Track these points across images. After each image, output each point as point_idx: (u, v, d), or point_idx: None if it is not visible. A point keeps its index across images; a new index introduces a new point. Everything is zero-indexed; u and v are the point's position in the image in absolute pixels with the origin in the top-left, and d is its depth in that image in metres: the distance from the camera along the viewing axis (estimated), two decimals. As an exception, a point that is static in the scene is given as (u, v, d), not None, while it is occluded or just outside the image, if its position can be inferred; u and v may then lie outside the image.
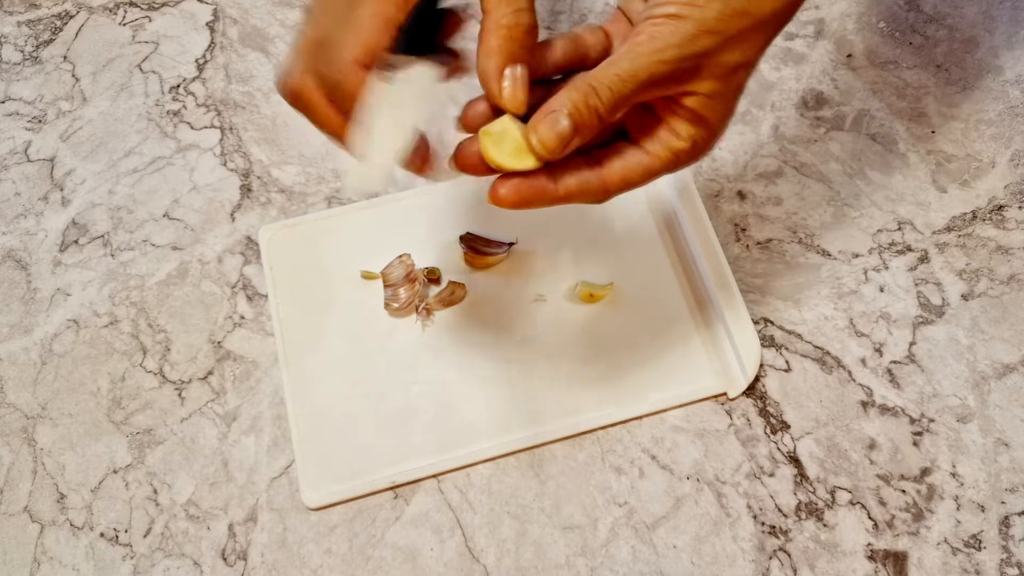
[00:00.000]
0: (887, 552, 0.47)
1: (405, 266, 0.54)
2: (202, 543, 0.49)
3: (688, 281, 0.54)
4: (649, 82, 0.33)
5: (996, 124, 0.59)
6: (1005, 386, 0.51)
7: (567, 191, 0.35)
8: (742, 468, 0.50)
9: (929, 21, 0.63)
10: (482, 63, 0.34)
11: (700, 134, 0.35)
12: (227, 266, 0.56)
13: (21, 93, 0.63)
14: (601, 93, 0.33)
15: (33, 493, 0.51)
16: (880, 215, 0.56)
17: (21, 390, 0.53)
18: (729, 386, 0.51)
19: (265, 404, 0.52)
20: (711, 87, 0.34)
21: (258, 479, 0.50)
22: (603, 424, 0.51)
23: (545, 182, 0.34)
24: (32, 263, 0.57)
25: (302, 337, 0.53)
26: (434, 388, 0.52)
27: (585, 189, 0.35)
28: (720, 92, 0.34)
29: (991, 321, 0.53)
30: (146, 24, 0.66)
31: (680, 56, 0.33)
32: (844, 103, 0.60)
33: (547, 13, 0.64)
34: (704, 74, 0.34)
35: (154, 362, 0.54)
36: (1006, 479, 0.49)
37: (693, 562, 0.48)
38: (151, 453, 0.51)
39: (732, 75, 0.34)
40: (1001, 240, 0.55)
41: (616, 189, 0.36)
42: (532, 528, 0.49)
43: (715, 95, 0.34)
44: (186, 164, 0.60)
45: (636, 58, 0.33)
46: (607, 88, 0.33)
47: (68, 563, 0.49)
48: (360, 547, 0.48)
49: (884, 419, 0.51)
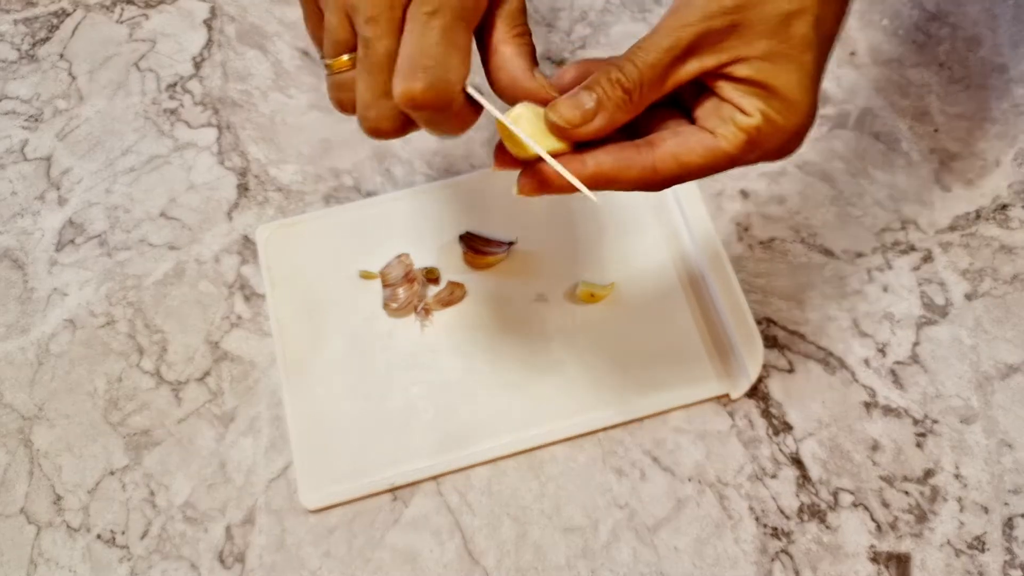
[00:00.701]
0: (890, 554, 0.47)
1: (404, 266, 0.53)
2: (199, 545, 0.48)
3: (690, 281, 0.54)
4: (676, 50, 0.30)
5: (1000, 122, 0.58)
6: (1009, 387, 0.51)
7: (598, 169, 0.31)
8: (744, 470, 0.49)
9: (932, 19, 0.62)
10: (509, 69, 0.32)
11: (774, 106, 0.30)
12: (224, 266, 0.56)
13: (17, 91, 0.63)
14: (624, 68, 0.30)
15: (29, 494, 0.50)
16: (883, 214, 0.56)
17: (17, 391, 0.53)
18: (731, 387, 0.51)
19: (263, 405, 0.52)
20: (764, 48, 0.30)
21: (256, 480, 0.50)
22: (604, 425, 0.50)
23: (570, 159, 0.31)
24: (29, 263, 0.57)
25: (300, 337, 0.53)
26: (433, 389, 0.51)
27: (626, 167, 0.31)
28: (779, 52, 0.30)
29: (995, 321, 0.53)
30: (143, 22, 0.65)
31: (704, 15, 0.29)
32: (847, 101, 0.60)
33: (548, 11, 0.64)
34: (747, 33, 0.30)
35: (151, 363, 0.53)
36: (1010, 480, 0.49)
37: (695, 564, 0.47)
38: (148, 454, 0.51)
39: (786, 28, 0.29)
40: (1005, 239, 0.55)
41: (669, 171, 0.31)
42: (532, 530, 0.48)
43: (773, 56, 0.30)
44: (183, 163, 0.59)
45: (659, 29, 0.30)
46: (629, 62, 0.30)
47: (65, 565, 0.48)
48: (359, 549, 0.48)
49: (887, 420, 0.50)
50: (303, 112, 0.61)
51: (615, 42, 0.62)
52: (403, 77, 0.30)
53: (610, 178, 0.32)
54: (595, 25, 0.63)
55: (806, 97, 0.30)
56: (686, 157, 0.31)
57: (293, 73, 0.62)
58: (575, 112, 0.31)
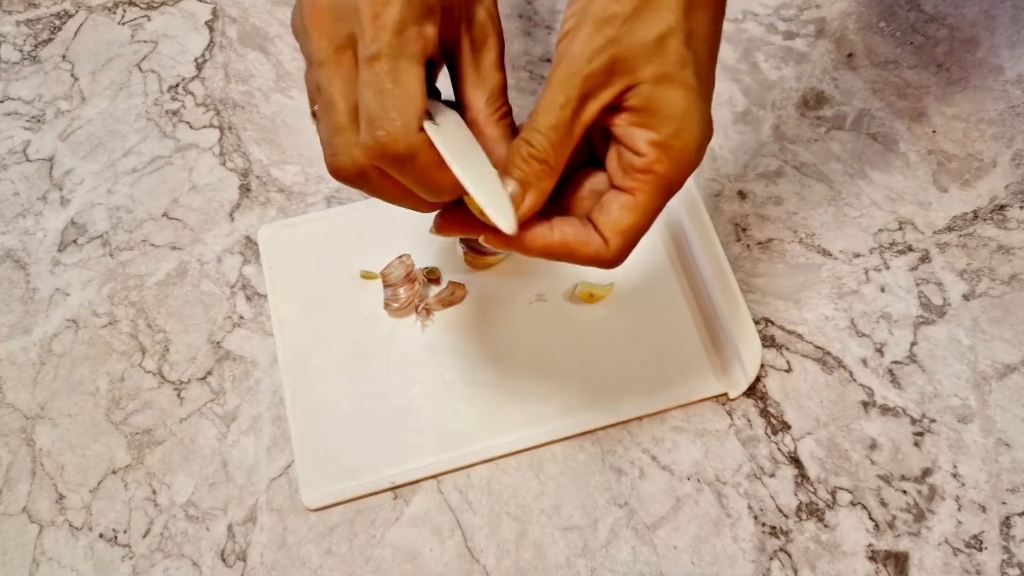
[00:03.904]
0: (888, 553, 0.47)
1: (405, 266, 0.54)
2: (201, 544, 0.49)
3: (688, 281, 0.54)
4: (572, 102, 0.31)
5: (997, 123, 0.59)
6: (1006, 386, 0.51)
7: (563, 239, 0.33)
8: (743, 468, 0.50)
9: (930, 20, 0.63)
10: (496, 152, 0.33)
11: (664, 132, 0.31)
12: (226, 266, 0.56)
13: (20, 92, 0.63)
14: (532, 139, 0.31)
15: (32, 493, 0.50)
16: (881, 215, 0.56)
17: (20, 390, 0.53)
18: (730, 386, 0.51)
19: (264, 404, 0.52)
20: (651, 71, 0.30)
21: (257, 479, 0.50)
22: (603, 424, 0.50)
23: (537, 226, 0.33)
24: (31, 263, 0.57)
25: (301, 337, 0.53)
26: (434, 388, 0.52)
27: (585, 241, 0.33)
28: (662, 74, 0.30)
29: (992, 321, 0.53)
30: (145, 23, 0.65)
31: (585, 60, 0.30)
32: (845, 103, 0.60)
33: (547, 12, 0.64)
34: (630, 63, 0.30)
35: (153, 362, 0.53)
36: (1007, 479, 0.49)
37: (693, 563, 0.47)
38: (150, 453, 0.51)
39: (662, 49, 0.30)
40: (1002, 240, 0.55)
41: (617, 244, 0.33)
42: (532, 528, 0.48)
43: (659, 79, 0.30)
44: (185, 164, 0.60)
45: (550, 85, 0.31)
46: (534, 132, 0.31)
47: (67, 563, 0.49)
48: (360, 547, 0.48)
49: (885, 419, 0.51)
50: (304, 113, 0.61)
51: (614, 44, 0.62)
52: (362, 132, 0.30)
53: (572, 248, 0.33)
54: (595, 27, 0.63)
55: (694, 112, 0.31)
56: (618, 223, 0.32)
57: (295, 74, 0.63)
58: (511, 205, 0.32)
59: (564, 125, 0.31)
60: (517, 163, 0.32)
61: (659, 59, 0.30)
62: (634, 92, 0.31)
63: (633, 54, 0.30)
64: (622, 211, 0.32)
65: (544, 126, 0.31)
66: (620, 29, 0.30)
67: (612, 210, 0.32)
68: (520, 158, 0.32)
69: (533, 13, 0.64)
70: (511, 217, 0.31)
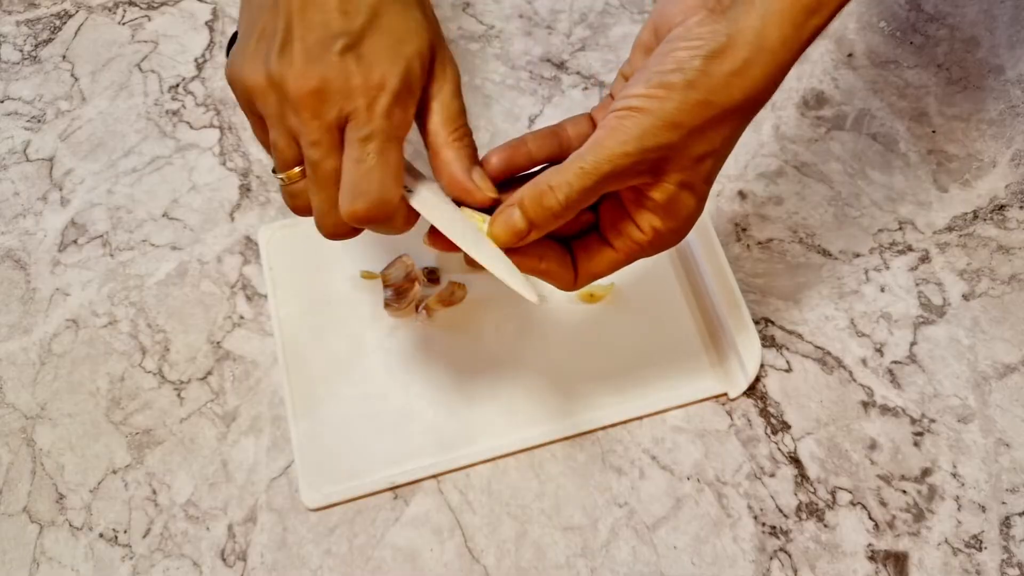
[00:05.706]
0: (888, 552, 0.47)
1: (405, 266, 0.54)
2: (201, 543, 0.49)
3: (688, 281, 0.54)
4: (612, 175, 0.33)
5: (997, 124, 0.59)
6: (1006, 386, 0.51)
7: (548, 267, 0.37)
8: (743, 468, 0.50)
9: (930, 20, 0.63)
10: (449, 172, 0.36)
11: (666, 225, 0.36)
12: (226, 266, 0.56)
13: (20, 92, 0.63)
14: (559, 191, 0.34)
15: (32, 493, 0.50)
16: (881, 215, 0.56)
17: (20, 390, 0.53)
18: (729, 386, 0.51)
19: (264, 404, 0.52)
20: (678, 178, 0.34)
21: (257, 479, 0.50)
22: (603, 424, 0.50)
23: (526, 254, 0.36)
24: (31, 263, 0.57)
25: (302, 337, 0.53)
26: (434, 388, 0.52)
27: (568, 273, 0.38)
28: (687, 182, 0.34)
29: (992, 321, 0.53)
30: (145, 23, 0.65)
31: (642, 148, 0.33)
32: (845, 103, 0.60)
33: (547, 13, 0.64)
34: (670, 167, 0.34)
35: (153, 362, 0.53)
36: (1007, 479, 0.49)
37: (693, 563, 0.47)
38: (150, 453, 0.51)
39: (698, 165, 0.34)
40: (1002, 240, 0.55)
41: (584, 282, 0.38)
42: (532, 529, 0.49)
43: (682, 185, 0.35)
44: (185, 164, 0.60)
45: (599, 151, 0.33)
46: (566, 184, 0.34)
47: (67, 563, 0.49)
48: (360, 548, 0.48)
49: (885, 419, 0.51)
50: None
51: (614, 44, 0.62)
52: (347, 201, 0.34)
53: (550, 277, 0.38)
54: (594, 27, 0.63)
55: (695, 216, 0.37)
56: (595, 269, 0.38)
57: (294, 74, 0.63)
58: (510, 235, 0.35)
59: (594, 188, 0.34)
60: (535, 206, 0.34)
61: (692, 172, 0.34)
62: (660, 188, 0.35)
63: (679, 163, 0.34)
64: (603, 262, 0.38)
65: (578, 185, 0.34)
66: (680, 139, 0.33)
67: (595, 259, 0.38)
68: (540, 204, 0.34)
69: (533, 13, 0.64)
70: (532, 292, 0.36)
